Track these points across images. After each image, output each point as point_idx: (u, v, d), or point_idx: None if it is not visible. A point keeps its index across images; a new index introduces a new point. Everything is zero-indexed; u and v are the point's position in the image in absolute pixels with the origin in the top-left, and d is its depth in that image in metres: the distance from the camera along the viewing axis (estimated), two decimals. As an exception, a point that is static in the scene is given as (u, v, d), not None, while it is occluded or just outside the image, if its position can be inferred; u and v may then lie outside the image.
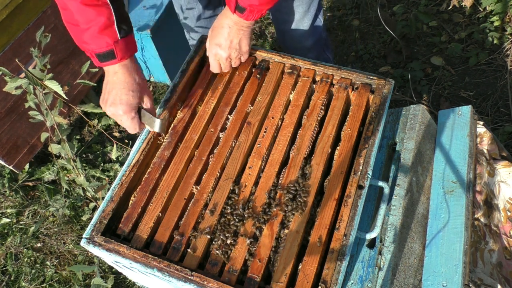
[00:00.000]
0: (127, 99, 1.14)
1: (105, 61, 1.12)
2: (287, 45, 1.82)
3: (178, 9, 1.75)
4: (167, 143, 1.22)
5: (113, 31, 1.10)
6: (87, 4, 1.06)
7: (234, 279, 1.00)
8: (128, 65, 1.14)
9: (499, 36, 2.45)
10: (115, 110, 1.14)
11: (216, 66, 1.30)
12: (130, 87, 1.14)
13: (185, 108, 1.27)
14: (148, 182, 1.15)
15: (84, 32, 1.09)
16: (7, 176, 2.38)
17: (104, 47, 1.10)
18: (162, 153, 1.20)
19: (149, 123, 1.19)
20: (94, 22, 1.07)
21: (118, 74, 1.14)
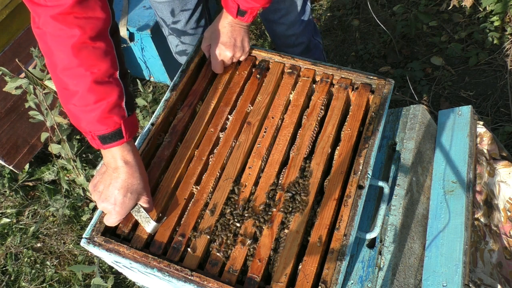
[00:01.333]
0: (123, 201, 1.03)
1: (109, 143, 1.00)
2: (277, 34, 1.82)
3: (161, 22, 1.75)
4: (167, 142, 1.22)
5: (122, 109, 1.00)
6: (99, 82, 0.96)
7: (234, 279, 1.00)
8: (131, 161, 1.03)
9: (499, 36, 2.45)
10: (108, 208, 1.04)
11: (220, 66, 1.30)
12: (130, 188, 1.03)
13: (185, 107, 1.27)
14: (148, 181, 1.15)
15: (88, 113, 0.97)
16: (7, 176, 2.38)
17: (111, 127, 0.99)
18: (162, 153, 1.20)
19: (142, 221, 1.08)
20: (104, 101, 0.96)
21: (120, 171, 1.02)
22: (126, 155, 1.02)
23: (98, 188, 1.05)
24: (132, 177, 1.03)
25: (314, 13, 2.94)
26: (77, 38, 0.92)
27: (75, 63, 0.94)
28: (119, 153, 1.01)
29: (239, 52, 1.29)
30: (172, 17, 1.69)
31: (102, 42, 0.97)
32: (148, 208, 1.09)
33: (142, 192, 1.06)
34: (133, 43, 2.47)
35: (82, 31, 0.92)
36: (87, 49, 0.94)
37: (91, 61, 0.95)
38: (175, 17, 1.68)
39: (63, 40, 0.92)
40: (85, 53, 0.94)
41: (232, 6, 1.19)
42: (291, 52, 1.89)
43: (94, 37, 0.95)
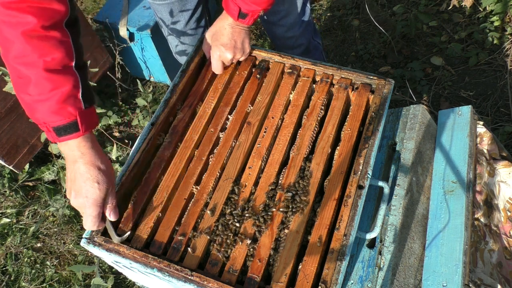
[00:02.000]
0: (93, 192, 0.99)
1: (64, 135, 0.97)
2: (276, 35, 1.82)
3: (161, 23, 1.75)
4: (167, 143, 1.22)
5: (77, 100, 0.98)
6: (52, 71, 0.94)
7: (234, 279, 1.00)
8: (89, 151, 1.00)
9: (499, 36, 2.45)
10: (81, 201, 1.00)
11: (220, 68, 1.30)
12: (95, 178, 1.00)
13: (185, 108, 1.27)
14: (148, 182, 1.15)
15: (42, 102, 0.94)
16: (7, 176, 2.38)
17: (65, 118, 0.95)
18: (162, 153, 1.20)
19: (110, 231, 1.07)
20: (57, 90, 0.94)
21: (79, 163, 0.99)
22: (83, 146, 0.99)
23: (68, 186, 1.03)
24: (93, 166, 1.00)
25: (314, 13, 2.94)
26: (30, 26, 0.91)
27: (27, 50, 0.92)
28: (75, 144, 0.98)
29: (240, 53, 1.30)
30: (172, 18, 1.69)
31: (57, 31, 0.95)
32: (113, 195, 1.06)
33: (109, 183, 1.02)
34: (133, 43, 2.47)
35: (36, 19, 0.91)
36: (39, 37, 0.92)
37: (43, 49, 0.93)
38: (175, 17, 1.68)
39: (15, 26, 0.91)
40: (37, 40, 0.92)
41: (233, 8, 1.19)
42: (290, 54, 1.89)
43: (48, 27, 0.93)
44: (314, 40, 1.91)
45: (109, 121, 2.56)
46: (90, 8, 3.29)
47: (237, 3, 1.18)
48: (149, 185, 1.15)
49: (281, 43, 1.85)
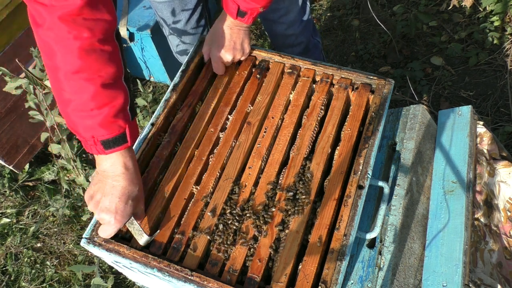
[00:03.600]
0: (124, 209, 0.99)
1: (112, 148, 0.96)
2: (276, 33, 1.82)
3: (162, 22, 1.75)
4: (166, 142, 1.22)
5: (126, 112, 0.97)
6: (106, 85, 0.92)
7: (234, 279, 1.00)
8: (131, 167, 1.00)
9: (499, 36, 2.45)
10: (107, 217, 0.99)
11: (221, 69, 1.30)
12: (130, 196, 0.99)
13: (184, 107, 1.28)
14: (146, 181, 1.15)
15: (93, 117, 0.93)
16: (7, 176, 2.38)
17: (116, 131, 0.95)
18: (161, 152, 1.20)
19: (136, 233, 1.05)
20: (111, 105, 0.93)
21: (120, 178, 0.98)
22: (127, 161, 0.99)
23: (96, 198, 1.00)
24: (132, 183, 1.00)
25: (314, 13, 2.94)
26: (86, 40, 0.89)
27: (80, 66, 0.90)
28: (120, 159, 0.98)
29: (239, 54, 1.30)
30: (172, 17, 1.69)
31: (109, 45, 0.94)
32: (142, 216, 1.07)
33: (140, 199, 1.04)
34: (133, 43, 2.47)
35: (91, 33, 0.89)
36: (95, 52, 0.91)
37: (98, 65, 0.91)
38: (175, 16, 1.68)
39: (70, 42, 0.88)
40: (93, 56, 0.90)
41: (232, 7, 1.19)
42: (290, 52, 1.88)
43: (102, 40, 0.91)
44: (314, 39, 1.92)
45: (109, 121, 2.55)
46: (90, 8, 3.28)
47: (236, 1, 1.18)
48: (147, 184, 1.15)
49: (281, 41, 1.85)
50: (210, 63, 1.32)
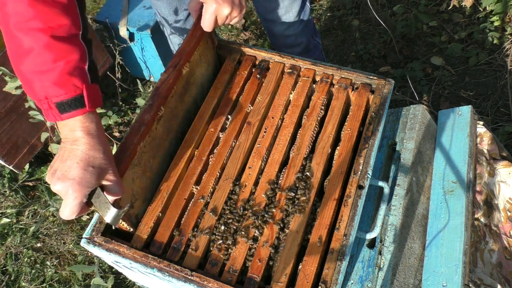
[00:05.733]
0: (83, 176, 0.86)
1: (68, 112, 0.86)
2: (275, 34, 1.81)
3: (162, 21, 1.74)
4: (148, 106, 1.11)
5: (84, 72, 0.88)
6: (58, 38, 0.85)
7: (234, 279, 1.00)
8: (93, 132, 0.89)
9: (499, 36, 2.45)
10: (63, 186, 0.86)
11: (211, 24, 1.16)
12: (91, 162, 0.87)
13: (169, 68, 1.17)
14: (125, 148, 1.04)
15: (45, 74, 0.85)
16: (7, 176, 2.38)
17: (71, 91, 0.86)
18: (142, 117, 1.09)
19: (102, 208, 0.92)
20: (64, 60, 0.85)
21: (79, 142, 0.87)
22: (88, 126, 0.88)
23: (53, 167, 0.89)
24: (95, 149, 0.88)
25: (314, 13, 2.94)
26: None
27: (31, 15, 0.83)
28: (78, 123, 0.88)
29: (237, 10, 1.15)
30: (173, 16, 1.69)
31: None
32: (116, 190, 0.93)
33: (106, 168, 0.90)
34: (133, 43, 2.47)
35: None
36: (46, 2, 0.84)
37: (50, 15, 0.84)
38: (177, 16, 1.68)
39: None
40: (45, 5, 0.84)
41: None
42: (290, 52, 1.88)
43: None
44: (314, 39, 1.91)
45: (109, 121, 2.56)
46: (90, 8, 3.29)
47: None
48: (125, 151, 1.04)
49: (281, 42, 1.85)
50: (199, 21, 1.21)
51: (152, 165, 1.15)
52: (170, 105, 1.17)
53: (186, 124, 1.28)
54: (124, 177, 1.03)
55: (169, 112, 1.17)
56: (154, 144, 1.13)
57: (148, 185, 1.15)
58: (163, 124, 1.16)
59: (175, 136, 1.25)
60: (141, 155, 1.08)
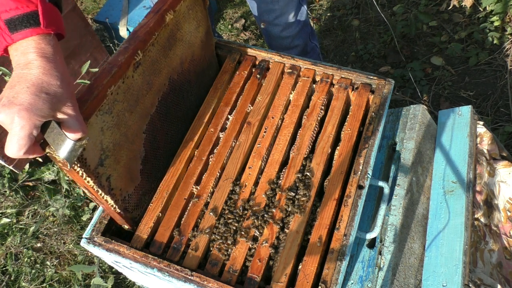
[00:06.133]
0: (34, 102, 0.72)
1: (19, 30, 0.74)
2: (272, 35, 1.80)
3: None
4: (123, 48, 0.99)
5: None
6: None
7: (234, 279, 1.00)
8: (50, 55, 0.76)
9: (499, 36, 2.45)
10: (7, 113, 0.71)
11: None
12: (45, 88, 0.74)
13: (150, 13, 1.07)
14: (93, 88, 0.92)
15: None
16: (7, 176, 2.38)
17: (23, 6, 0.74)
18: (115, 58, 0.97)
19: (56, 142, 0.79)
20: None
21: (32, 65, 0.74)
22: (43, 48, 0.76)
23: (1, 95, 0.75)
24: (50, 75, 0.75)
25: (314, 13, 2.94)
26: None
27: None
28: (32, 44, 0.75)
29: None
30: None
31: None
32: (75, 126, 0.79)
33: (63, 99, 0.76)
34: (133, 43, 2.46)
35: None
36: None
37: None
38: None
39: None
40: None
41: None
42: None
43: None
44: (311, 42, 1.91)
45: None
46: (90, 8, 3.28)
47: None
48: (93, 91, 0.91)
49: (277, 43, 1.84)
50: None
51: (128, 120, 1.03)
52: (150, 54, 1.05)
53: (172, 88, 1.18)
54: (90, 122, 0.91)
55: (149, 63, 1.06)
56: (130, 95, 1.01)
57: (123, 143, 1.03)
58: (142, 75, 1.04)
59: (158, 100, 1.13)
60: (113, 103, 0.96)
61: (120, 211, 1.05)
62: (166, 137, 1.21)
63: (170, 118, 1.21)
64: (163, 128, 1.19)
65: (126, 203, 1.08)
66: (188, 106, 1.29)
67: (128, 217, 1.09)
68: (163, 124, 1.19)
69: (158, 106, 1.15)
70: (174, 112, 1.23)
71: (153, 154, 1.16)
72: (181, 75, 1.22)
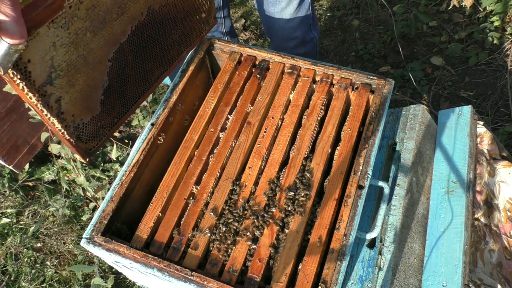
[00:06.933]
0: None
1: None
2: (275, 27, 1.82)
3: None
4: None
5: None
6: None
7: (234, 279, 1.00)
8: None
9: (499, 36, 2.45)
10: None
11: None
12: None
13: None
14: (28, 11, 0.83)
15: None
16: (7, 176, 2.38)
17: None
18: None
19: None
20: None
21: None
22: None
23: None
24: None
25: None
26: None
27: None
28: None
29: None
30: None
31: None
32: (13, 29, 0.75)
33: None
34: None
35: None
36: None
37: None
38: None
39: None
40: None
41: None
42: (286, 45, 1.88)
43: None
44: (311, 33, 1.92)
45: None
46: (90, 8, 3.28)
47: None
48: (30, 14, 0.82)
49: (279, 34, 1.86)
50: None
51: (90, 43, 0.95)
52: None
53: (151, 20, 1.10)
54: (39, 32, 0.84)
55: None
56: (95, 14, 0.93)
57: (81, 66, 0.96)
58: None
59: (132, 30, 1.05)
60: (71, 18, 0.89)
61: (70, 138, 0.97)
62: (138, 72, 1.11)
63: (146, 53, 1.11)
64: (135, 61, 1.09)
65: (80, 131, 1.00)
66: (170, 45, 1.18)
67: (81, 146, 1.01)
68: (136, 58, 1.09)
69: (130, 36, 1.05)
70: (151, 47, 1.12)
71: (119, 87, 1.07)
72: (164, 8, 1.11)
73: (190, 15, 1.23)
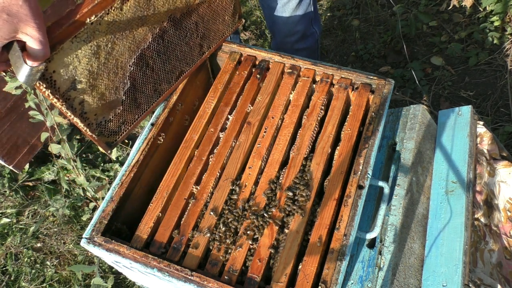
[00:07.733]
0: None
1: None
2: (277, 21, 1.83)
3: None
4: None
5: None
6: None
7: (234, 279, 1.00)
8: None
9: (499, 36, 2.45)
10: None
11: None
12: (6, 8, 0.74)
13: None
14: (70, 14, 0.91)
15: None
16: (7, 176, 2.38)
17: None
18: None
19: (16, 65, 0.82)
20: None
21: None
22: None
23: None
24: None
25: (314, 13, 2.94)
26: None
27: None
28: None
29: None
30: None
31: None
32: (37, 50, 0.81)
33: (26, 20, 0.77)
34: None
35: None
36: None
37: None
38: None
39: None
40: None
41: None
42: (288, 40, 1.89)
43: None
44: (312, 27, 1.93)
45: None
46: (90, 8, 3.28)
47: None
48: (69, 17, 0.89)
49: (280, 29, 1.86)
50: None
51: (111, 51, 1.00)
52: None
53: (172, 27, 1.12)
54: (63, 47, 0.90)
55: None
56: (116, 27, 0.98)
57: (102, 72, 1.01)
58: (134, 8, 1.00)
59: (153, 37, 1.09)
60: (93, 33, 0.94)
61: (92, 134, 1.04)
62: (159, 73, 1.16)
63: (167, 56, 1.15)
64: (156, 64, 1.14)
65: (102, 127, 1.07)
66: (192, 47, 1.22)
67: (102, 140, 1.08)
68: (157, 61, 1.13)
69: (151, 42, 1.10)
70: (173, 50, 1.17)
71: (139, 88, 1.12)
72: (185, 15, 1.15)
73: (214, 18, 1.27)
